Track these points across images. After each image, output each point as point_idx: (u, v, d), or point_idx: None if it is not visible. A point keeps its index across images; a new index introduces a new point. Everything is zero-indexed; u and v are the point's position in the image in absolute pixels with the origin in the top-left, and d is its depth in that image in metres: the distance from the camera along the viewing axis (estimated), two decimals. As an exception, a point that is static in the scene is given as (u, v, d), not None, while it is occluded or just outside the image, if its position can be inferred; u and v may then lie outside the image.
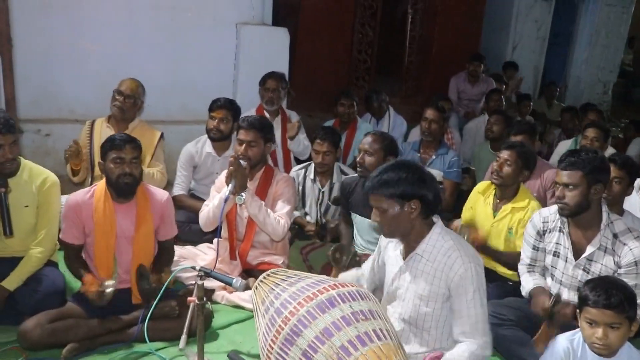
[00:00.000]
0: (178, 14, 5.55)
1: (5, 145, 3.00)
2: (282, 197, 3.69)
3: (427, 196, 2.46)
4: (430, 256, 2.52)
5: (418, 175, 2.47)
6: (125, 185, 3.06)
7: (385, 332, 2.23)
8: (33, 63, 5.06)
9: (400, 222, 2.49)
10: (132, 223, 3.13)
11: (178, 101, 5.67)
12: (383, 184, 2.45)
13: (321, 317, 2.20)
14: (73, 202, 3.11)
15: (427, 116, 4.87)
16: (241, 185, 3.44)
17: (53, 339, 2.86)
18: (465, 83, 7.74)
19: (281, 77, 5.08)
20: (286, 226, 3.65)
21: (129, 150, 3.06)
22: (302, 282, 2.37)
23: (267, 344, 2.28)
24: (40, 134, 5.20)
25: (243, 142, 3.59)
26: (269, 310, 2.33)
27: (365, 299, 2.34)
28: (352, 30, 7.87)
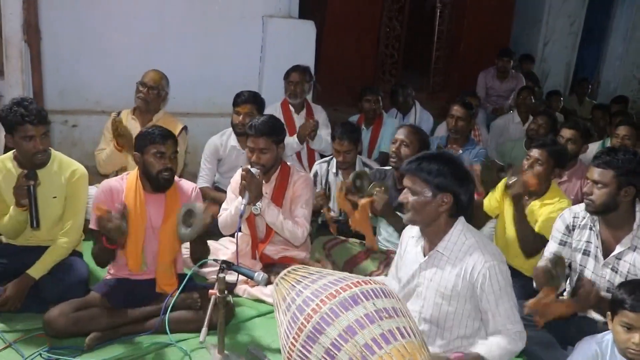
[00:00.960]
0: (206, 7, 5.57)
1: (37, 137, 3.02)
2: (300, 199, 3.62)
3: (461, 196, 2.44)
4: (451, 254, 2.48)
5: (460, 174, 2.45)
6: (165, 180, 3.08)
7: (409, 330, 2.20)
8: (61, 54, 5.11)
9: (426, 211, 2.45)
10: (160, 214, 3.14)
11: (204, 94, 5.68)
12: (424, 168, 2.42)
13: (344, 315, 2.17)
14: (107, 186, 3.14)
15: (454, 113, 4.79)
16: (256, 196, 3.36)
17: (76, 327, 2.88)
18: (494, 79, 7.63)
19: (305, 71, 5.05)
20: (305, 231, 3.60)
21: (169, 145, 3.08)
22: (324, 279, 2.34)
23: (289, 341, 2.26)
24: (67, 125, 5.26)
25: (254, 150, 3.47)
26: (291, 307, 2.30)
27: (389, 296, 2.31)
28: (379, 24, 7.81)
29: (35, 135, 3.01)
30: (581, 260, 2.99)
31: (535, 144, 3.59)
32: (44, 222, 3.17)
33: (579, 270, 3.01)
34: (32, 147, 3.03)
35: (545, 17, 9.00)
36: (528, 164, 3.51)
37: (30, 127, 2.99)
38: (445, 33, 8.34)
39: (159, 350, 2.92)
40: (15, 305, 3.03)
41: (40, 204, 3.09)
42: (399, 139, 3.66)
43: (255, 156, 3.47)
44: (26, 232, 3.24)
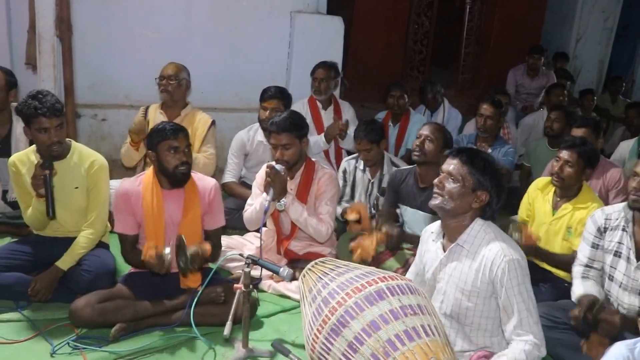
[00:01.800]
0: (234, 2, 5.59)
1: (51, 129, 3.06)
2: (325, 196, 3.61)
3: (494, 201, 2.44)
4: (471, 247, 2.45)
5: (500, 182, 2.46)
6: (183, 174, 3.08)
7: (433, 328, 2.18)
8: (91, 49, 5.18)
9: (461, 201, 2.42)
10: (179, 209, 3.15)
11: (231, 89, 5.71)
12: (476, 162, 2.42)
13: (369, 310, 2.16)
14: (122, 190, 3.14)
15: (483, 112, 4.73)
16: (280, 193, 3.38)
17: (102, 318, 2.91)
18: (524, 76, 7.51)
19: (331, 67, 5.02)
20: (330, 228, 3.60)
21: (182, 139, 3.07)
22: (351, 273, 2.33)
23: (313, 333, 2.26)
24: (97, 118, 5.33)
25: (277, 146, 3.49)
26: (316, 299, 2.30)
27: (415, 293, 2.29)
28: (408, 20, 7.76)
29: (49, 128, 3.05)
30: (612, 262, 2.92)
31: (565, 145, 3.51)
32: (68, 212, 3.24)
33: (609, 272, 2.94)
34: (47, 139, 3.07)
35: (579, 13, 8.80)
36: (558, 166, 3.44)
37: (44, 120, 3.03)
38: (475, 29, 8.24)
39: (183, 343, 2.94)
40: (45, 296, 3.09)
41: (62, 195, 3.14)
42: (423, 134, 3.64)
43: (279, 152, 3.48)
44: (53, 223, 3.30)
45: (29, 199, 3.18)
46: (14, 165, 3.23)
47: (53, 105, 3.03)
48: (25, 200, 3.23)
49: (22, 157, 3.26)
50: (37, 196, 3.07)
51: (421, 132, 3.68)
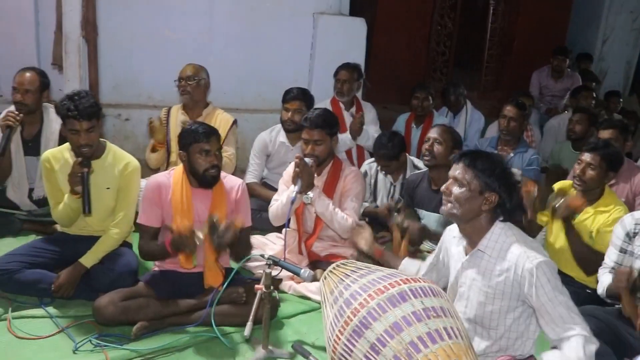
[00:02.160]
0: (257, 3, 5.62)
1: (81, 131, 3.08)
2: (351, 193, 3.64)
3: (506, 202, 2.39)
4: (492, 252, 2.41)
5: (510, 182, 2.41)
6: (212, 177, 3.10)
7: (456, 330, 2.15)
8: (116, 50, 5.24)
9: (469, 205, 2.39)
10: (206, 208, 3.16)
11: (254, 90, 5.73)
12: (479, 163, 2.39)
13: (391, 311, 2.15)
14: (154, 183, 3.17)
15: (506, 113, 4.68)
16: (308, 185, 3.41)
17: (124, 316, 2.94)
18: (548, 78, 7.42)
19: (354, 69, 5.02)
20: (354, 224, 3.59)
21: (214, 142, 3.09)
22: (373, 275, 2.32)
23: (334, 334, 2.25)
24: (120, 118, 5.38)
25: (309, 142, 3.54)
26: (338, 300, 2.29)
27: (437, 295, 2.27)
28: (431, 21, 7.72)
29: (79, 130, 3.08)
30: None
31: (587, 147, 3.45)
32: (96, 212, 3.26)
33: None
34: (77, 140, 3.11)
35: (605, 13, 8.67)
36: (580, 169, 3.38)
37: (75, 122, 3.06)
38: (499, 30, 8.17)
39: (203, 342, 2.95)
40: (68, 291, 3.12)
41: (93, 194, 3.17)
42: (431, 137, 3.64)
43: (309, 148, 3.52)
44: (79, 221, 3.34)
45: (59, 195, 3.22)
46: (48, 161, 3.27)
47: (85, 108, 3.05)
48: (55, 196, 3.26)
49: (56, 153, 3.30)
50: (71, 193, 3.11)
51: (429, 135, 3.68)
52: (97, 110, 3.14)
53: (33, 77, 3.77)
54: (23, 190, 3.91)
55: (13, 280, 3.11)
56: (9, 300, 3.14)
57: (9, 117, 3.66)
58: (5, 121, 3.66)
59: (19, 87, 3.75)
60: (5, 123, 3.65)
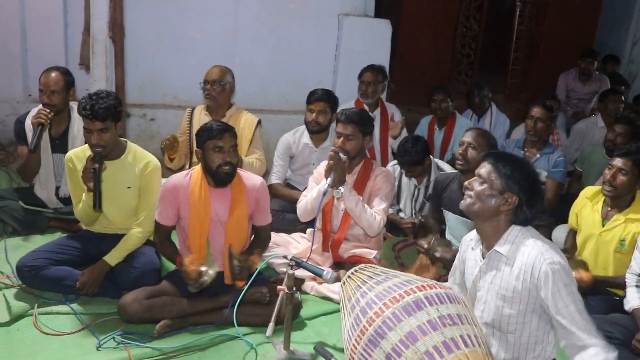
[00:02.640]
0: (282, 5, 5.62)
1: (93, 131, 3.12)
2: (380, 192, 3.66)
3: (524, 206, 2.36)
4: (510, 253, 2.38)
5: (534, 187, 2.38)
6: (225, 174, 3.10)
7: (473, 338, 2.12)
8: (142, 50, 5.29)
9: (489, 203, 2.37)
10: (226, 208, 3.18)
11: (278, 91, 5.74)
12: (504, 164, 2.37)
13: (406, 320, 2.13)
14: (171, 184, 3.20)
15: (534, 114, 4.61)
16: (340, 179, 3.43)
17: (148, 314, 2.96)
18: (576, 81, 7.31)
19: (379, 70, 5.01)
20: (382, 222, 3.62)
21: (227, 138, 3.09)
22: (389, 282, 2.30)
23: (351, 343, 2.25)
24: (146, 118, 5.43)
25: (341, 136, 3.58)
26: (355, 309, 2.28)
27: (454, 302, 2.24)
28: (456, 23, 7.65)
29: (92, 130, 3.12)
30: None
31: (618, 152, 3.38)
32: (118, 211, 3.33)
33: None
34: (89, 139, 3.16)
35: (636, 15, 8.50)
36: (610, 174, 3.32)
37: (88, 121, 3.11)
38: (525, 33, 8.06)
39: (225, 342, 2.96)
40: (92, 289, 3.16)
41: (113, 193, 3.22)
42: (466, 141, 3.57)
43: (341, 141, 3.56)
44: (102, 220, 3.38)
45: (81, 194, 3.26)
46: (71, 160, 3.32)
47: (100, 109, 3.07)
48: (77, 195, 3.31)
49: (78, 153, 3.35)
50: (87, 190, 3.15)
51: (463, 139, 3.61)
52: (113, 112, 3.14)
53: (58, 77, 3.82)
54: (50, 188, 3.97)
55: (39, 276, 3.16)
56: (35, 297, 3.19)
57: (40, 115, 3.72)
58: (37, 119, 3.72)
59: (45, 89, 3.80)
60: (37, 120, 3.71)
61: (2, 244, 3.72)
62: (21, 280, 3.22)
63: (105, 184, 3.20)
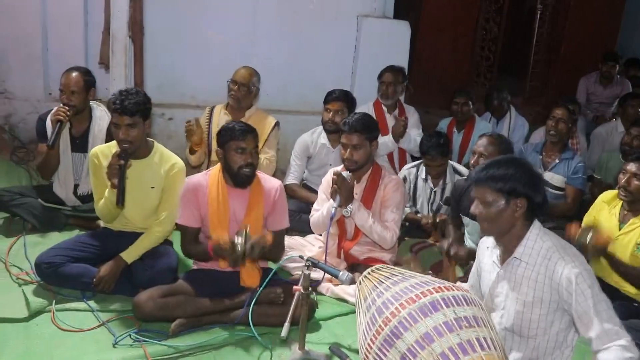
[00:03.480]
0: (300, 6, 5.62)
1: (121, 126, 3.15)
2: (391, 203, 3.59)
3: (535, 198, 2.33)
4: (529, 259, 2.36)
5: (528, 175, 2.35)
6: (246, 176, 3.11)
7: (489, 341, 2.11)
8: (161, 50, 5.32)
9: (502, 219, 2.35)
10: (243, 208, 3.18)
11: (296, 91, 5.74)
12: (491, 176, 2.34)
13: (423, 321, 2.13)
14: (190, 184, 3.21)
15: (555, 115, 4.55)
16: (347, 199, 3.39)
17: (163, 313, 2.97)
18: (596, 85, 7.22)
19: (399, 71, 4.99)
20: (395, 236, 3.57)
21: (250, 140, 3.10)
22: (406, 282, 2.30)
23: (366, 343, 2.24)
24: (164, 117, 5.45)
25: (347, 146, 3.50)
26: (371, 308, 2.28)
27: (471, 304, 2.22)
28: (476, 25, 7.62)
29: (120, 124, 3.15)
30: None
31: (633, 157, 3.34)
32: (139, 210, 3.34)
33: None
34: (117, 134, 3.19)
35: (659, 18, 8.42)
36: (625, 179, 3.27)
37: (116, 116, 3.15)
38: (545, 35, 8.00)
39: (240, 341, 2.96)
40: (108, 285, 3.18)
41: (137, 192, 3.23)
42: (477, 150, 3.53)
43: (348, 152, 3.49)
44: (122, 217, 3.40)
45: (104, 191, 3.27)
46: (96, 156, 3.34)
47: (129, 104, 3.12)
48: (100, 191, 3.32)
49: (104, 149, 3.37)
50: (111, 186, 3.16)
51: (475, 148, 3.58)
52: (141, 109, 3.19)
53: (78, 78, 3.85)
54: (69, 186, 4.00)
55: (57, 273, 3.18)
56: (53, 293, 3.21)
57: (59, 112, 3.76)
58: (56, 116, 3.76)
59: (65, 89, 3.84)
60: (56, 118, 3.75)
61: (21, 241, 3.76)
62: (39, 276, 3.25)
63: (130, 182, 3.21)
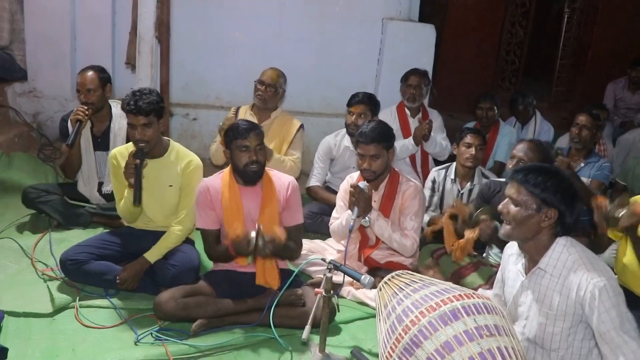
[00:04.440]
0: (326, 8, 5.63)
1: (137, 126, 3.19)
2: (409, 210, 3.56)
3: (567, 216, 2.29)
4: (554, 271, 2.31)
5: (568, 191, 2.30)
6: (253, 173, 3.11)
7: (510, 350, 2.08)
8: (187, 51, 5.37)
9: (528, 224, 2.31)
10: (257, 206, 3.18)
11: (320, 93, 5.75)
12: (532, 179, 2.29)
13: (443, 330, 2.11)
14: (203, 187, 3.22)
15: (579, 122, 4.50)
16: (365, 210, 3.36)
17: (184, 312, 2.99)
18: (625, 90, 7.09)
19: (424, 74, 4.98)
20: (415, 244, 3.54)
21: (253, 137, 3.10)
22: (426, 290, 2.28)
23: (387, 350, 2.23)
24: (188, 117, 5.50)
25: (365, 157, 3.46)
26: (391, 315, 2.26)
27: (492, 312, 2.20)
28: (502, 29, 7.57)
29: (135, 125, 3.19)
30: None
31: None
32: (159, 208, 3.38)
33: None
34: (133, 134, 3.22)
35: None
36: None
37: (131, 116, 3.19)
38: (573, 40, 7.90)
39: (261, 343, 2.97)
40: (131, 285, 3.22)
41: (155, 191, 3.26)
42: (517, 155, 3.48)
43: (366, 163, 3.46)
44: (143, 217, 3.44)
45: (124, 191, 3.32)
46: (115, 158, 3.39)
47: (143, 104, 3.16)
48: (120, 192, 3.37)
49: (122, 150, 3.41)
50: (128, 186, 3.20)
51: (514, 152, 3.53)
52: (156, 108, 3.22)
53: (93, 76, 3.91)
54: (93, 185, 4.06)
55: (81, 270, 3.22)
56: (77, 290, 3.26)
57: (78, 111, 3.82)
58: (75, 115, 3.82)
59: (82, 88, 3.91)
60: (75, 117, 3.81)
61: (47, 237, 3.82)
62: (64, 273, 3.30)
63: (148, 182, 3.25)
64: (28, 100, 5.48)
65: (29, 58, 5.42)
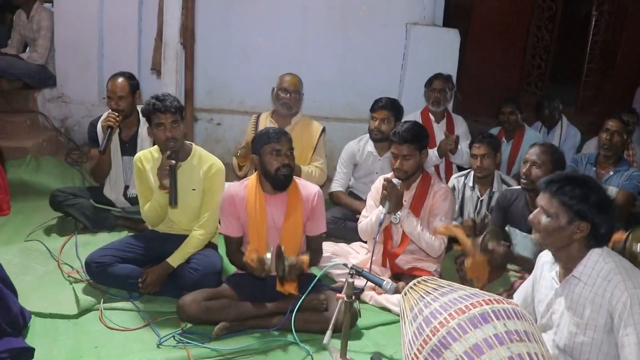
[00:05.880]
0: (350, 13, 5.65)
1: (166, 124, 3.24)
2: (439, 211, 3.56)
3: (600, 228, 2.24)
4: (589, 279, 2.26)
5: (602, 203, 2.25)
6: (284, 177, 3.12)
7: (540, 357, 2.04)
8: (211, 56, 5.43)
9: (559, 236, 2.27)
10: (282, 213, 3.19)
11: (343, 99, 5.75)
12: (566, 190, 2.25)
13: (472, 332, 2.08)
14: (228, 194, 3.25)
15: (609, 127, 4.42)
16: (396, 206, 3.38)
17: (206, 315, 3.01)
18: (654, 93, 6.98)
19: (448, 79, 4.96)
20: (443, 244, 3.53)
21: (284, 142, 3.13)
22: (454, 294, 2.25)
23: (412, 352, 2.20)
24: (212, 122, 5.55)
25: (397, 156, 3.49)
26: (417, 318, 2.24)
27: (522, 319, 2.16)
28: (527, 32, 7.49)
29: (164, 123, 3.23)
30: None
31: None
32: (183, 212, 3.39)
33: None
34: (163, 133, 3.25)
35: None
36: None
37: (160, 115, 3.23)
38: (600, 43, 7.79)
39: (282, 347, 2.96)
40: (154, 289, 3.24)
41: (180, 195, 3.28)
42: (530, 159, 3.44)
43: (398, 162, 3.48)
44: (167, 220, 3.47)
45: (149, 194, 3.36)
46: (140, 161, 3.43)
47: (170, 102, 3.24)
48: (145, 195, 3.41)
49: (146, 154, 3.45)
50: (160, 187, 3.24)
51: (527, 156, 3.49)
52: (180, 107, 3.30)
53: (124, 83, 3.98)
54: (119, 188, 4.11)
55: (106, 273, 3.26)
56: (101, 292, 3.30)
57: (109, 118, 3.88)
58: (106, 122, 3.88)
59: (113, 95, 3.97)
60: (106, 124, 3.87)
61: (73, 240, 3.88)
62: (89, 275, 3.34)
63: None
64: (56, 106, 5.59)
65: (58, 65, 5.54)
